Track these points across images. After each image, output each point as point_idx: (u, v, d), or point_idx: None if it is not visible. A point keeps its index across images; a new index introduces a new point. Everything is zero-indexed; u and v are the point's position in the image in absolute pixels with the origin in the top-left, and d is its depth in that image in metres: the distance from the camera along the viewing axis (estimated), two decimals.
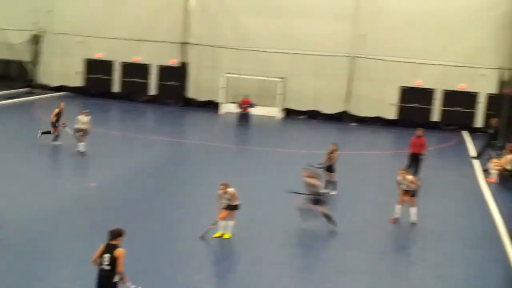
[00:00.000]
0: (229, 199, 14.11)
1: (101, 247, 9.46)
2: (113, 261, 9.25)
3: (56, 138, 22.79)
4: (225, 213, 14.09)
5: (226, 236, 14.17)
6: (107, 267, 9.25)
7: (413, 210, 16.16)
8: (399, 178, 16.34)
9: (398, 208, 16.28)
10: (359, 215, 17.02)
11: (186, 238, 14.39)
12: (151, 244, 13.73)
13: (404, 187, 16.23)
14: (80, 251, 12.55)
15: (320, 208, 15.13)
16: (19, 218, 14.81)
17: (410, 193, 16.20)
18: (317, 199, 15.14)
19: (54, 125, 22.71)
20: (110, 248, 9.36)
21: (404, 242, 15.46)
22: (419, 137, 21.54)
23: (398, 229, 15.99)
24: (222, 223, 14.19)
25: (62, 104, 23.30)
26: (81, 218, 15.30)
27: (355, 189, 19.67)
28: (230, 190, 14.10)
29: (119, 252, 9.30)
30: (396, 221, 16.19)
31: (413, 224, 16.10)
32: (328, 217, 15.11)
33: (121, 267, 9.35)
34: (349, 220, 16.30)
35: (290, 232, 15.21)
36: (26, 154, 21.89)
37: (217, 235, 14.18)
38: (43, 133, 22.90)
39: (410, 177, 16.36)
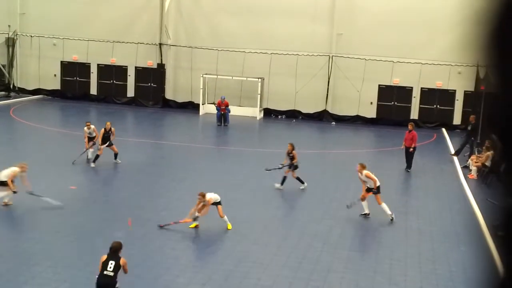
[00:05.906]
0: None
1: (102, 258, 10.08)
2: (117, 268, 9.98)
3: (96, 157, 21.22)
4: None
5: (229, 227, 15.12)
6: (110, 273, 9.93)
7: (383, 206, 16.17)
8: (358, 173, 16.41)
9: (364, 204, 16.38)
10: (341, 214, 17.04)
11: (168, 240, 14.28)
12: (132, 247, 13.56)
13: (365, 183, 16.29)
14: (61, 253, 12.33)
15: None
16: None
17: (371, 190, 16.16)
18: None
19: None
20: (114, 257, 10.09)
21: (386, 239, 15.46)
22: (410, 131, 22.02)
23: (379, 226, 16.03)
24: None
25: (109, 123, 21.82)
26: (60, 220, 15.09)
27: (336, 187, 19.66)
28: (207, 198, 14.87)
29: (124, 261, 10.15)
30: (364, 216, 16.38)
31: (391, 219, 16.13)
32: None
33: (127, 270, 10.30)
34: (331, 219, 16.34)
35: (272, 232, 15.18)
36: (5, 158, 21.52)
37: (192, 226, 14.89)
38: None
39: (365, 172, 16.28)
